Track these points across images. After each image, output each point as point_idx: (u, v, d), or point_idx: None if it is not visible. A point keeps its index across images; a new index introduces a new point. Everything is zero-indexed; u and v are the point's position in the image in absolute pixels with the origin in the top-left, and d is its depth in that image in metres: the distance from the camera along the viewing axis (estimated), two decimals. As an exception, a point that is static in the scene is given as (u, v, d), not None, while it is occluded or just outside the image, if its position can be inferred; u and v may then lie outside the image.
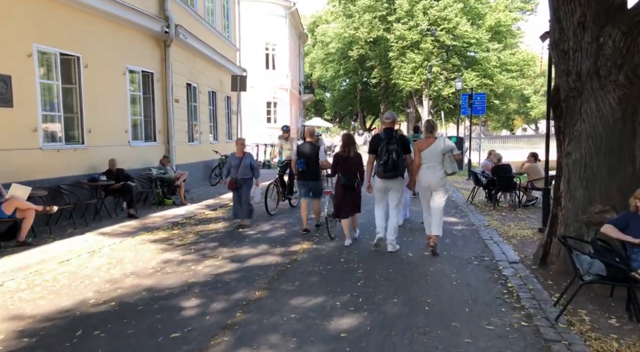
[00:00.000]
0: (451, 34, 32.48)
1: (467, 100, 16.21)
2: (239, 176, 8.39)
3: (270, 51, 33.14)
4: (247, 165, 8.45)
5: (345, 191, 6.91)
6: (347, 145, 7.00)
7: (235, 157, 8.56)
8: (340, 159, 6.97)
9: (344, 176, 6.85)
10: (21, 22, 7.78)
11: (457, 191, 13.28)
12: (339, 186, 6.98)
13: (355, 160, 6.94)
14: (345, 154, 6.94)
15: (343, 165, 6.92)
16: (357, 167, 6.94)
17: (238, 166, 8.42)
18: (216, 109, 16.63)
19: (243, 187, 8.48)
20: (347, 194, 6.92)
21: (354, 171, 6.91)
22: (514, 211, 9.92)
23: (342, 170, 6.91)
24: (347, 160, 6.91)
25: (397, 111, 51.72)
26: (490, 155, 11.18)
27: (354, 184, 6.87)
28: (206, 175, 14.94)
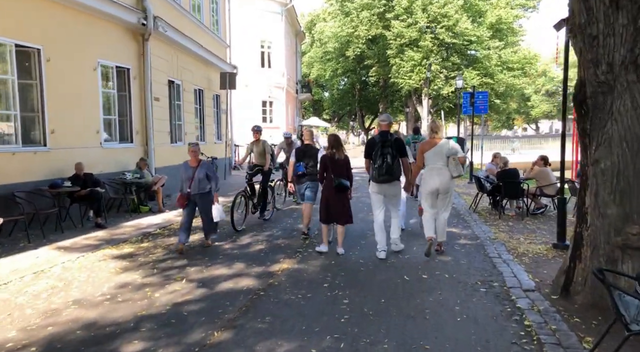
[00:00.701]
0: (451, 31, 31.52)
1: (469, 99, 15.27)
2: (192, 191, 6.85)
3: (265, 49, 32.18)
4: (202, 177, 6.91)
5: (337, 194, 6.49)
6: (334, 147, 6.56)
7: (188, 166, 7.03)
8: (329, 161, 6.54)
9: (336, 177, 6.42)
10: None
11: (459, 196, 12.34)
12: (329, 188, 6.50)
13: (344, 162, 6.57)
14: (333, 155, 6.52)
15: (333, 167, 6.50)
16: (347, 170, 6.58)
17: (191, 178, 6.88)
18: (203, 108, 15.69)
19: (199, 205, 7.02)
20: (339, 196, 6.51)
21: (344, 174, 6.55)
22: (521, 220, 8.97)
23: (333, 173, 6.48)
24: (337, 162, 6.52)
25: (396, 111, 50.84)
26: (496, 159, 10.23)
27: (347, 186, 6.50)
28: (191, 178, 13.99)
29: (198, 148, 7.16)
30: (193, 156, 7.07)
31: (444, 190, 6.24)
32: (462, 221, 8.92)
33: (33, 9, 7.99)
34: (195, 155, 7.09)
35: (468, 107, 16.36)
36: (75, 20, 8.97)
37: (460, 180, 16.37)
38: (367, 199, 12.52)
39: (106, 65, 10.05)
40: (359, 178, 16.64)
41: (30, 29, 7.91)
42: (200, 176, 6.91)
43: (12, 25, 7.57)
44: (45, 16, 8.24)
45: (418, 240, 7.45)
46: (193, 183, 6.87)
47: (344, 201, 6.59)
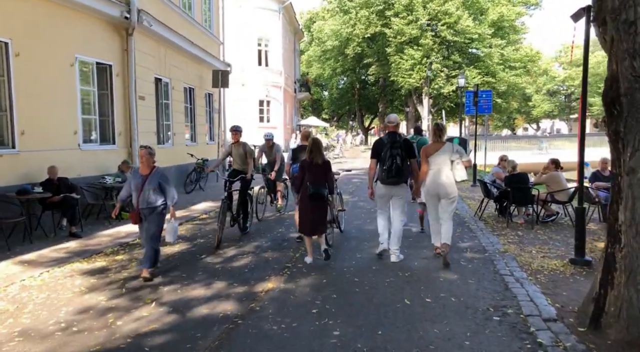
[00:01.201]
0: (452, 29, 30.80)
1: (472, 98, 14.58)
2: (140, 205, 5.64)
3: (263, 47, 31.48)
4: (153, 189, 5.65)
5: (313, 203, 6.03)
6: (312, 152, 6.08)
7: (138, 174, 5.76)
8: (307, 166, 6.10)
9: (312, 185, 5.96)
10: None
11: (462, 200, 11.63)
12: (305, 197, 6.09)
13: (323, 168, 6.09)
14: (311, 160, 6.07)
15: (310, 174, 6.04)
16: (326, 177, 6.09)
17: (140, 189, 5.64)
18: (195, 107, 14.99)
19: (147, 220, 5.71)
20: (316, 206, 6.05)
21: (322, 180, 6.05)
22: (531, 229, 8.27)
23: (309, 180, 6.01)
24: (314, 168, 6.04)
25: (396, 110, 50.11)
26: (502, 162, 9.53)
27: (324, 195, 6.04)
28: (180, 181, 13.29)
29: (149, 152, 5.77)
30: (146, 161, 5.73)
31: (446, 194, 6.03)
32: (467, 230, 8.21)
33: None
34: (149, 161, 5.74)
35: (471, 106, 15.65)
36: (49, 12, 8.28)
37: (463, 183, 15.68)
38: (365, 203, 11.92)
39: (85, 62, 9.35)
40: (357, 180, 15.97)
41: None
42: (151, 186, 5.64)
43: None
44: (12, 7, 7.53)
45: (418, 249, 6.77)
46: (141, 195, 5.63)
47: (322, 210, 6.14)
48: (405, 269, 5.95)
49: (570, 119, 64.40)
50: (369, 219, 9.38)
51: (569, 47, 61.87)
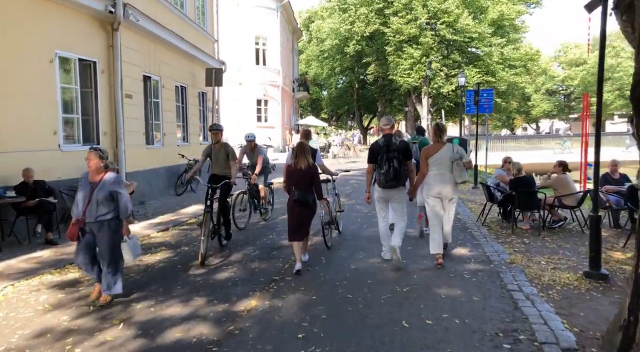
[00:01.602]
0: (452, 28, 30.23)
1: (473, 97, 14.01)
2: (88, 218, 4.73)
3: (260, 46, 30.93)
4: (103, 199, 4.71)
5: (299, 209, 5.86)
6: (298, 156, 5.87)
7: (87, 181, 4.84)
8: (292, 172, 5.92)
9: (298, 191, 5.83)
10: None
11: (463, 204, 11.08)
12: (291, 203, 5.93)
13: (309, 172, 5.86)
14: (297, 165, 5.85)
15: (295, 179, 5.87)
16: (312, 182, 5.88)
17: (89, 199, 4.73)
18: (187, 106, 14.43)
19: (98, 238, 4.81)
20: (302, 212, 5.88)
21: (309, 186, 5.88)
22: (538, 236, 7.71)
23: (294, 185, 5.88)
24: (300, 173, 5.83)
25: (395, 110, 49.57)
26: (507, 164, 8.97)
27: (310, 200, 5.89)
28: (171, 183, 12.75)
29: (100, 155, 4.78)
30: (95, 166, 4.73)
31: (448, 197, 5.98)
32: (470, 238, 7.66)
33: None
34: (95, 167, 4.74)
35: (472, 106, 15.10)
36: (24, 5, 7.71)
37: (464, 185, 15.14)
38: (362, 207, 11.37)
39: (67, 58, 8.79)
40: (355, 182, 15.41)
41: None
42: (100, 196, 4.70)
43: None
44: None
45: (417, 259, 6.22)
46: (89, 206, 4.73)
47: (308, 216, 5.95)
48: (403, 283, 5.40)
49: (570, 119, 63.83)
50: (365, 224, 8.84)
51: (568, 46, 61.35)
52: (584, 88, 55.56)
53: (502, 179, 8.76)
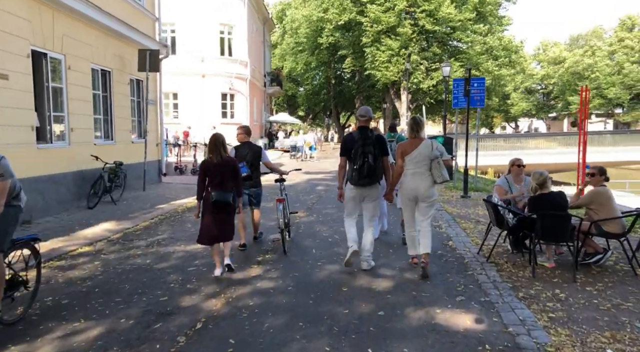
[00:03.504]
0: (432, 17, 27.69)
1: (464, 86, 11.40)
2: None
3: (225, 35, 27.96)
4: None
5: (217, 210, 5.20)
6: (212, 151, 5.22)
7: None
8: (208, 168, 5.25)
9: (215, 191, 5.15)
10: None
11: (454, 222, 8.41)
12: (207, 205, 5.23)
13: (227, 168, 5.24)
14: (213, 161, 5.21)
15: (213, 177, 5.21)
16: (232, 178, 5.28)
17: None
18: (112, 95, 11.48)
19: None
20: (220, 213, 5.22)
21: (227, 184, 5.23)
22: (573, 281, 5.09)
23: (211, 184, 5.21)
24: (217, 170, 5.18)
25: (373, 107, 46.94)
26: (516, 168, 6.36)
27: (229, 200, 5.24)
28: (82, 192, 9.82)
29: None
30: None
31: (425, 197, 5.32)
32: (473, 287, 4.96)
33: None
34: None
35: (461, 97, 12.52)
36: None
37: (450, 190, 12.54)
38: (322, 226, 8.66)
39: None
40: (322, 188, 12.63)
41: None
42: None
43: None
44: None
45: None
46: None
47: (225, 218, 5.33)
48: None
49: (549, 117, 62.37)
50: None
51: (547, 44, 59.78)
52: (562, 86, 54.04)
53: (500, 194, 6.14)
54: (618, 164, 30.14)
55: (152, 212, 9.72)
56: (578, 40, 65.19)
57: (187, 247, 6.78)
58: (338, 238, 7.14)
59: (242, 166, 6.27)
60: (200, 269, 5.74)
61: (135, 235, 7.75)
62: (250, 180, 6.39)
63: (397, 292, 4.79)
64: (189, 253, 6.49)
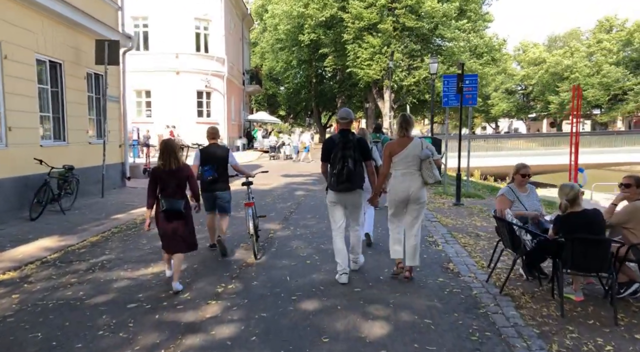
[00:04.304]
0: (415, 13, 26.68)
1: (456, 83, 10.30)
2: None
3: (201, 30, 26.50)
4: None
5: (169, 219, 4.83)
6: (163, 158, 4.82)
7: None
8: (159, 175, 4.85)
9: (165, 199, 4.78)
10: None
11: (451, 237, 7.29)
12: (158, 214, 4.88)
13: (180, 175, 4.86)
14: (164, 168, 4.81)
15: (164, 184, 4.83)
16: (185, 185, 4.91)
17: None
18: (64, 90, 10.10)
19: None
20: (173, 222, 4.84)
21: (180, 190, 4.86)
22: (615, 325, 4.01)
23: (163, 191, 4.84)
24: (169, 176, 4.81)
25: (355, 107, 45.94)
26: (520, 178, 5.27)
27: (181, 209, 4.83)
28: (24, 201, 8.44)
29: None
30: None
31: (416, 198, 4.94)
32: (492, 335, 3.80)
33: None
34: None
35: (451, 95, 11.45)
36: None
37: (438, 196, 11.47)
38: (301, 242, 7.50)
39: None
40: (302, 193, 11.37)
41: None
42: None
43: None
44: None
45: None
46: None
47: (179, 226, 4.85)
48: None
49: (529, 118, 62.27)
50: (300, 274, 4.94)
51: (527, 45, 59.61)
52: (542, 87, 53.86)
53: (504, 207, 5.05)
54: (604, 166, 29.62)
55: (106, 223, 8.40)
56: (556, 41, 65.37)
57: (135, 273, 5.53)
58: (318, 259, 5.96)
59: (208, 169, 5.94)
60: (142, 305, 4.50)
61: (77, 254, 6.45)
62: (217, 183, 5.98)
63: (395, 344, 3.63)
64: (135, 281, 5.24)
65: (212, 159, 5.99)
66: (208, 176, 5.93)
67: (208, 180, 5.94)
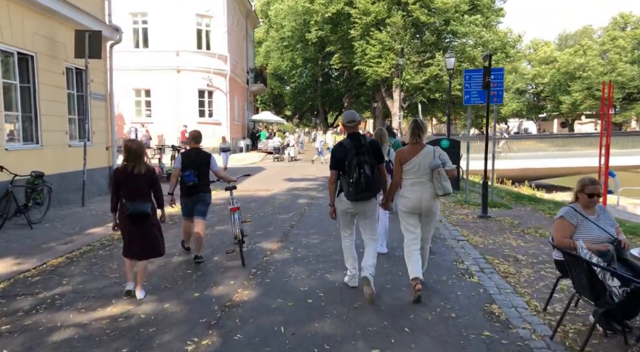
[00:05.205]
0: (426, 8, 25.27)
1: (481, 79, 8.94)
2: None
3: (203, 27, 25.30)
4: None
5: (133, 224, 4.57)
6: (128, 159, 4.57)
7: None
8: (124, 178, 4.57)
9: (130, 202, 4.52)
10: None
11: (486, 263, 5.94)
12: (122, 218, 4.61)
13: (147, 179, 4.60)
14: (129, 170, 4.55)
15: (128, 187, 4.57)
16: (150, 189, 4.66)
17: None
18: (37, 87, 8.87)
19: None
20: (138, 227, 4.59)
21: (145, 194, 4.62)
22: None
23: (127, 194, 4.55)
24: (134, 180, 4.54)
25: (362, 107, 44.64)
26: (586, 197, 3.96)
27: (147, 210, 4.57)
28: (-20, 215, 7.21)
29: None
30: None
31: (427, 210, 4.66)
32: None
33: None
34: None
35: (473, 92, 10.10)
36: None
37: (461, 208, 10.11)
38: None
39: None
40: (305, 201, 9.91)
41: None
42: None
43: None
44: None
45: None
46: None
47: (146, 230, 4.62)
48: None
49: (539, 118, 60.52)
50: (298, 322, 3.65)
51: (538, 43, 57.88)
52: (553, 86, 52.17)
53: (566, 233, 3.75)
54: (631, 168, 28.00)
55: (77, 240, 7.17)
56: (567, 39, 63.55)
57: (88, 316, 4.27)
58: (323, 297, 4.66)
59: (189, 174, 5.75)
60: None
61: (27, 285, 5.20)
62: (197, 188, 5.80)
63: None
64: (84, 331, 3.97)
65: (193, 164, 5.82)
66: (189, 181, 5.78)
67: (188, 185, 5.80)
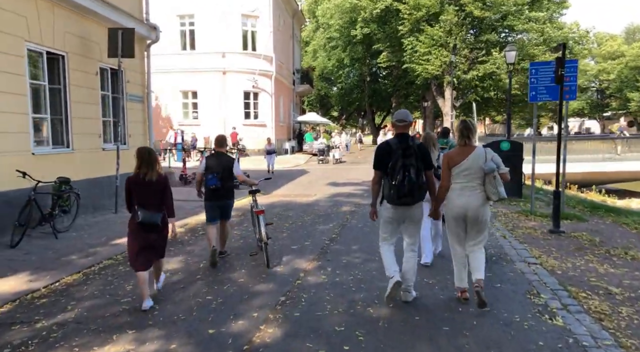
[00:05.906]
0: (481, 1, 23.64)
1: (552, 73, 7.65)
2: None
3: (249, 27, 24.91)
4: None
5: (144, 232, 4.52)
6: (140, 167, 4.48)
7: None
8: (135, 185, 4.50)
9: (142, 211, 4.45)
10: None
11: (570, 298, 4.78)
12: (134, 224, 4.52)
13: (158, 187, 4.54)
14: (141, 177, 4.46)
15: (140, 195, 4.49)
16: (162, 198, 4.58)
17: None
18: (68, 88, 8.46)
19: None
20: (149, 236, 4.55)
21: (157, 203, 4.55)
22: None
23: (139, 202, 4.49)
24: (146, 188, 4.48)
25: (412, 107, 43.02)
26: None
27: (158, 222, 4.53)
28: (5, 224, 6.78)
29: None
30: None
31: (475, 217, 4.34)
32: None
33: None
34: None
35: (540, 88, 8.78)
36: None
37: (526, 219, 8.81)
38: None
39: None
40: (349, 208, 8.84)
41: None
42: None
43: None
44: None
45: None
46: None
47: (155, 241, 4.60)
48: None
49: (603, 117, 56.34)
50: None
51: (602, 38, 53.90)
52: (620, 83, 48.32)
53: None
54: None
55: (100, 252, 6.61)
56: (635, 33, 58.85)
57: None
58: (363, 341, 3.72)
59: (212, 178, 5.80)
60: None
61: (30, 309, 4.59)
62: (220, 192, 5.86)
63: None
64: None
65: (216, 168, 5.85)
66: (211, 185, 5.81)
67: (211, 188, 5.84)
